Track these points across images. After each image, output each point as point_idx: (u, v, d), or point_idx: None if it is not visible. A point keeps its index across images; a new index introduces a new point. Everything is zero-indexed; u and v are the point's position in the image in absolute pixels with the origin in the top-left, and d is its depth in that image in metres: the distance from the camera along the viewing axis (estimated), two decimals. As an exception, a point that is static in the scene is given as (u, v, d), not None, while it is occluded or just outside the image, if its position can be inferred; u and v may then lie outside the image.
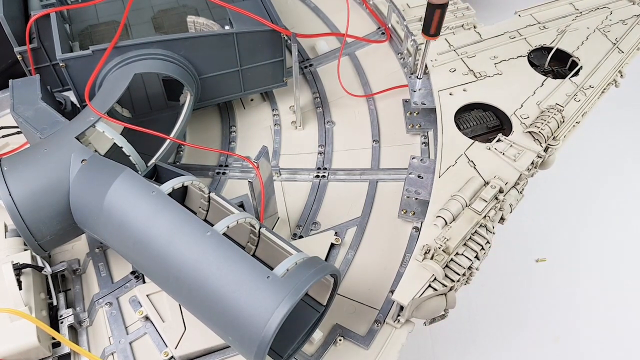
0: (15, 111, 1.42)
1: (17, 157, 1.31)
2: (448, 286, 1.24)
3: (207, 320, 1.12)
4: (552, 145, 1.55)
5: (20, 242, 1.40)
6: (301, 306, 1.23)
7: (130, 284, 1.42)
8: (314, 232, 1.54)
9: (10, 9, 1.66)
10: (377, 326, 1.32)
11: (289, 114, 1.88)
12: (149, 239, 1.13)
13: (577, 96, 1.67)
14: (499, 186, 1.40)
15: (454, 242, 1.28)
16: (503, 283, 2.60)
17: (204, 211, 1.34)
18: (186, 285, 1.09)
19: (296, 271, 1.06)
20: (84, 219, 1.26)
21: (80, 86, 1.56)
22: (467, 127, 1.63)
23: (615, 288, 2.62)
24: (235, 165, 1.74)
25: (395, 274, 1.42)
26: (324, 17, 2.23)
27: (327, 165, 1.72)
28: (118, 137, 1.36)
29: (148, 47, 1.54)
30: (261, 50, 1.70)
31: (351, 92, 1.89)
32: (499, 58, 1.82)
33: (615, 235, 2.80)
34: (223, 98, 1.79)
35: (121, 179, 1.20)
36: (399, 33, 2.07)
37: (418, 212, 1.52)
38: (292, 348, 1.19)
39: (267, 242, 1.24)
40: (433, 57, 1.82)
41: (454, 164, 1.49)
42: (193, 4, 2.04)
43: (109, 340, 1.33)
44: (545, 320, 2.51)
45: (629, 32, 1.90)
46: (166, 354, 1.26)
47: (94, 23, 1.95)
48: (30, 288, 1.29)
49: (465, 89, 1.72)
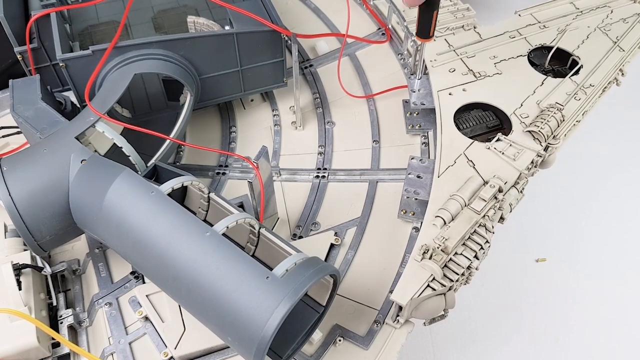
0: (15, 111, 1.42)
1: (17, 157, 1.31)
2: (447, 286, 1.24)
3: (206, 321, 1.12)
4: (552, 144, 1.55)
5: (20, 242, 1.40)
6: (301, 306, 1.23)
7: (130, 284, 1.42)
8: (313, 232, 1.54)
9: (10, 9, 1.66)
10: (377, 326, 1.32)
11: (289, 114, 1.88)
12: (149, 239, 1.14)
13: (577, 95, 1.67)
14: (499, 185, 1.40)
15: (453, 241, 1.28)
16: (503, 283, 2.60)
17: (204, 211, 1.34)
18: (185, 285, 1.09)
19: (295, 271, 1.06)
20: (84, 219, 1.26)
21: (80, 86, 1.56)
22: (466, 127, 1.63)
23: (615, 288, 2.62)
24: (235, 166, 1.74)
25: (395, 274, 1.42)
26: (324, 18, 2.23)
27: (327, 166, 1.72)
28: (118, 137, 1.36)
29: (148, 47, 1.54)
30: (261, 50, 1.70)
31: (351, 93, 1.89)
32: (499, 58, 1.82)
33: (615, 234, 2.80)
34: (223, 98, 1.79)
35: (121, 179, 1.21)
36: (399, 34, 2.07)
37: (418, 212, 1.52)
38: (291, 348, 1.19)
39: (266, 243, 1.24)
40: (433, 58, 1.82)
41: (453, 164, 1.49)
42: (193, 4, 2.04)
43: (109, 340, 1.33)
44: (545, 320, 2.51)
45: (630, 31, 1.90)
46: (166, 354, 1.26)
47: (94, 23, 1.95)
48: (30, 288, 1.29)
49: (464, 89, 1.71)
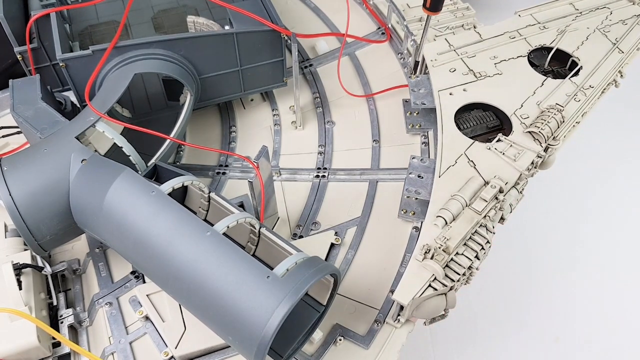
0: (15, 111, 1.42)
1: (17, 157, 1.31)
2: (448, 286, 1.24)
3: (207, 320, 1.12)
4: (552, 145, 1.55)
5: (20, 242, 1.40)
6: (301, 306, 1.23)
7: (130, 284, 1.42)
8: (314, 232, 1.54)
9: (10, 9, 1.66)
10: (377, 326, 1.32)
11: (289, 114, 1.88)
12: (149, 239, 1.14)
13: (577, 96, 1.67)
14: (499, 186, 1.40)
15: (454, 241, 1.28)
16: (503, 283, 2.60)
17: (204, 211, 1.34)
18: (186, 285, 1.09)
19: (296, 271, 1.06)
20: (84, 219, 1.26)
21: (80, 86, 1.56)
22: (467, 127, 1.63)
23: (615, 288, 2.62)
24: (235, 165, 1.74)
25: (395, 273, 1.42)
26: (324, 17, 2.23)
27: (327, 165, 1.72)
28: (118, 137, 1.36)
29: (148, 47, 1.54)
30: (261, 50, 1.70)
31: (351, 92, 1.89)
32: (499, 58, 1.82)
33: (615, 235, 2.80)
34: (223, 98, 1.79)
35: (121, 178, 1.21)
36: (399, 33, 2.07)
37: (418, 212, 1.52)
38: (292, 348, 1.19)
39: (267, 242, 1.24)
40: (433, 57, 1.82)
41: (454, 164, 1.49)
42: (193, 4, 2.04)
43: (109, 340, 1.33)
44: (545, 320, 2.51)
45: (629, 32, 1.90)
46: (166, 353, 1.26)
47: (94, 23, 1.95)
48: (30, 288, 1.29)
49: (465, 89, 1.71)
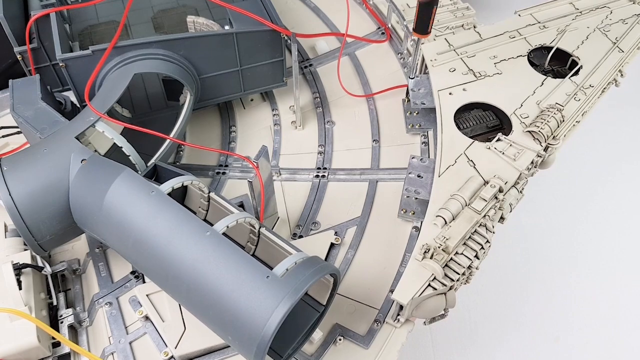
0: (15, 111, 1.42)
1: (17, 157, 1.31)
2: (448, 285, 1.24)
3: (206, 320, 1.12)
4: (552, 144, 1.55)
5: (20, 242, 1.40)
6: (301, 306, 1.23)
7: (130, 284, 1.42)
8: (313, 231, 1.54)
9: (10, 9, 1.66)
10: (377, 326, 1.32)
11: (289, 114, 1.88)
12: (149, 239, 1.14)
13: (577, 95, 1.67)
14: (499, 185, 1.40)
15: (454, 241, 1.28)
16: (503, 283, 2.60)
17: (204, 211, 1.34)
18: (186, 284, 1.09)
19: (296, 271, 1.06)
20: (84, 219, 1.26)
21: (80, 86, 1.56)
22: (466, 127, 1.63)
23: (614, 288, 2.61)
24: (235, 165, 1.74)
25: (395, 273, 1.42)
26: (323, 17, 2.23)
27: (327, 165, 1.72)
28: (118, 137, 1.36)
29: (148, 47, 1.54)
30: (261, 50, 1.70)
31: (351, 92, 1.89)
32: (499, 58, 1.82)
33: (615, 235, 2.80)
34: (223, 98, 1.79)
35: (121, 178, 1.21)
36: (398, 33, 2.07)
37: (418, 211, 1.52)
38: (292, 348, 1.19)
39: (266, 242, 1.24)
40: (433, 57, 1.82)
41: (453, 164, 1.49)
42: (193, 4, 2.04)
43: (109, 340, 1.33)
44: (545, 320, 2.51)
45: (629, 32, 1.90)
46: (166, 353, 1.26)
47: (94, 23, 1.95)
48: (30, 288, 1.29)
49: (465, 89, 1.71)
